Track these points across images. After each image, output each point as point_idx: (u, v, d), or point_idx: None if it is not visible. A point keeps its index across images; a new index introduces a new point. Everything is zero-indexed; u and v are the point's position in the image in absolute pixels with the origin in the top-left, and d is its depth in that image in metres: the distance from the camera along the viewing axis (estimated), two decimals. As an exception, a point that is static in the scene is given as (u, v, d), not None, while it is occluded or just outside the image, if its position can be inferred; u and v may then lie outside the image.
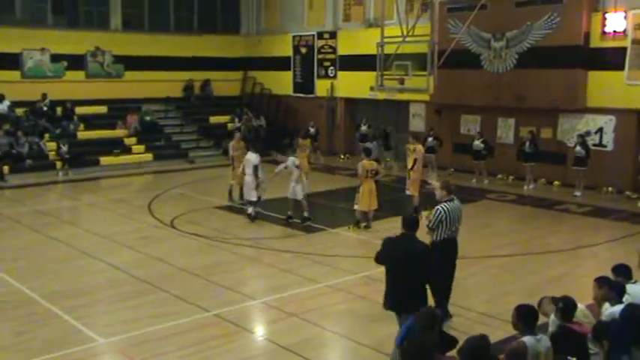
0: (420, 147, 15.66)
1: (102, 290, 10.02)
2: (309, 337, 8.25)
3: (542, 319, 5.84)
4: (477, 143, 19.16)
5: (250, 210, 14.31)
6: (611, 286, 6.32)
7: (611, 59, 17.25)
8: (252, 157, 14.22)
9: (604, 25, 17.32)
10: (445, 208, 8.24)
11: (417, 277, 6.87)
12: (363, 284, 10.25)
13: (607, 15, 17.26)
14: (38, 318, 8.79)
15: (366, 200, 13.45)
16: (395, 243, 7.10)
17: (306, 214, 13.92)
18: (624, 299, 6.17)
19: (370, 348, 7.86)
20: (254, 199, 14.25)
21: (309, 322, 8.67)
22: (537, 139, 18.50)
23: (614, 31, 17.15)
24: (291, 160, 14.02)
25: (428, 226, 8.31)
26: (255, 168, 14.06)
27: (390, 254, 7.08)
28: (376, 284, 10.15)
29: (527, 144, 18.19)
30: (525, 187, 18.26)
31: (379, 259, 7.24)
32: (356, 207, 13.65)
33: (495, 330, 7.67)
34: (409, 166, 15.33)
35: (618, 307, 5.99)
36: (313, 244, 12.68)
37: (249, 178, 14.21)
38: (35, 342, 7.99)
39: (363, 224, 13.66)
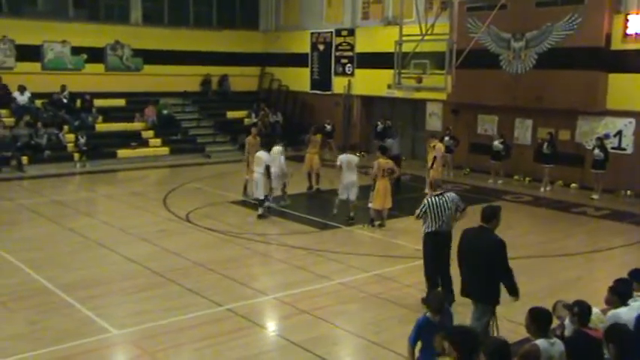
0: (440, 145, 15.63)
1: (116, 282, 10.09)
2: (321, 335, 8.25)
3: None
4: (497, 144, 19.04)
5: (260, 210, 14.28)
6: (612, 289, 6.29)
7: (633, 62, 17.05)
8: (265, 156, 14.21)
9: (626, 27, 17.11)
10: (429, 200, 9.00)
11: (491, 268, 7.04)
12: (375, 282, 10.24)
13: (629, 16, 17.05)
14: (53, 307, 8.88)
15: (380, 199, 13.40)
16: (472, 235, 7.27)
17: (352, 214, 13.96)
18: (639, 305, 6.10)
19: (381, 346, 7.85)
20: (262, 197, 14.23)
21: (321, 319, 8.68)
22: (556, 140, 18.34)
23: (637, 33, 16.94)
24: (345, 157, 14.02)
25: (416, 215, 9.16)
26: (267, 167, 14.06)
27: (467, 246, 7.26)
28: (388, 282, 10.17)
29: (546, 145, 18.05)
30: (542, 189, 18.12)
31: (458, 254, 7.40)
32: (370, 205, 13.62)
33: (509, 333, 7.60)
34: (429, 164, 15.28)
35: (623, 310, 5.94)
36: (326, 241, 12.68)
37: (258, 176, 14.15)
38: (49, 331, 8.07)
39: (377, 222, 13.63)
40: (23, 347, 7.59)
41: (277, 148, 15.25)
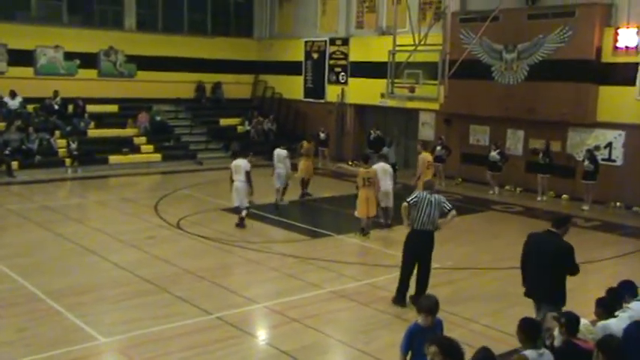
0: (424, 154, 15.68)
1: (105, 289, 10.04)
2: (311, 343, 8.23)
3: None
4: (494, 154, 19.08)
5: (243, 214, 14.13)
6: (598, 302, 6.34)
7: (623, 75, 17.19)
8: (243, 163, 14.01)
9: (616, 41, 17.25)
10: (421, 195, 9.41)
11: (558, 271, 7.33)
12: (366, 291, 10.23)
13: (619, 30, 17.20)
14: (41, 315, 8.82)
15: (363, 207, 13.49)
16: (541, 239, 7.51)
17: (389, 221, 14.31)
18: (629, 315, 6.13)
19: (371, 356, 7.83)
20: (246, 205, 14.12)
21: (311, 328, 8.66)
22: (551, 151, 18.41)
23: (627, 47, 17.08)
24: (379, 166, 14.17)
25: (407, 200, 9.48)
26: (247, 174, 13.94)
27: (535, 248, 7.49)
28: (379, 291, 10.17)
29: (541, 155, 18.12)
30: (539, 199, 18.12)
31: (524, 256, 7.66)
32: (356, 214, 13.71)
33: (498, 343, 7.62)
34: (417, 173, 15.37)
35: (612, 321, 5.98)
36: (318, 249, 12.67)
37: (241, 184, 13.99)
38: (37, 339, 8.01)
39: (365, 231, 13.66)
40: (11, 354, 7.53)
41: (284, 152, 16.15)
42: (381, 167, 14.14)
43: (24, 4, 23.00)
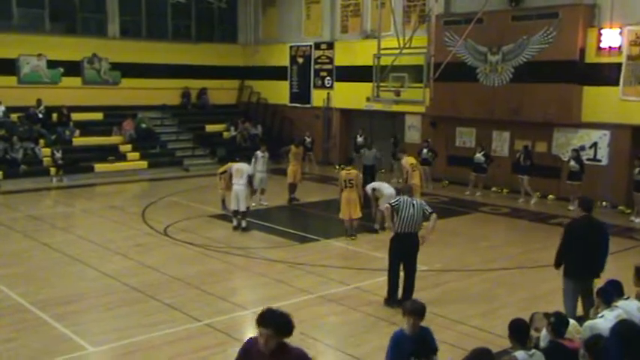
0: (406, 158, 15.62)
1: (93, 298, 9.96)
2: (301, 349, 8.19)
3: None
4: (479, 156, 19.13)
5: (244, 223, 14.26)
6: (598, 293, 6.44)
7: (607, 75, 17.34)
8: (245, 167, 14.22)
9: (599, 41, 17.40)
10: (403, 198, 9.56)
11: (600, 247, 8.39)
12: (355, 295, 10.22)
13: (603, 31, 17.35)
14: (28, 325, 8.72)
15: (344, 209, 13.53)
16: (585, 223, 8.51)
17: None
18: (615, 315, 6.16)
19: (361, 360, 7.83)
20: (244, 209, 14.20)
21: (301, 333, 8.59)
22: (532, 152, 18.50)
23: (610, 47, 17.23)
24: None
25: (389, 203, 9.81)
26: (249, 177, 14.10)
27: (585, 231, 8.41)
28: (368, 295, 10.16)
29: (522, 157, 18.19)
30: (532, 202, 18.08)
31: (572, 240, 8.45)
32: (340, 216, 13.76)
33: (487, 344, 7.56)
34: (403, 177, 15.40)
35: (599, 320, 6.00)
36: (306, 254, 12.64)
37: (240, 188, 14.11)
38: (24, 349, 7.93)
39: (349, 234, 13.66)
40: (-3, 366, 7.46)
41: (265, 155, 16.48)
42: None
43: (6, 12, 22.82)
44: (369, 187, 14.19)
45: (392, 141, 21.53)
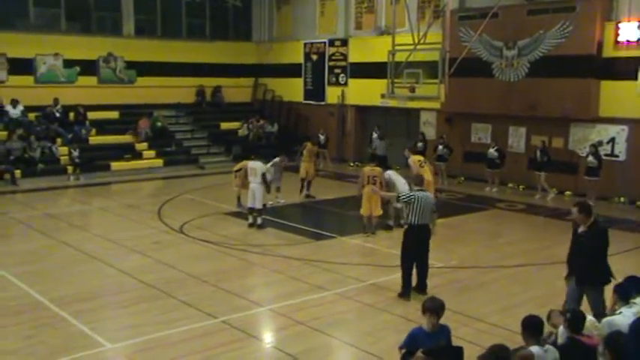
0: (411, 158, 15.22)
1: (110, 295, 10.04)
2: (316, 346, 8.21)
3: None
4: (492, 152, 19.05)
5: (259, 220, 14.31)
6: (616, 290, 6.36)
7: (624, 69, 17.14)
8: (258, 165, 14.26)
9: (617, 35, 17.21)
10: (417, 195, 9.74)
11: (604, 252, 8.03)
12: (371, 292, 10.20)
13: (620, 24, 17.16)
14: (47, 322, 8.80)
15: (366, 205, 13.52)
16: (591, 230, 8.00)
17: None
18: (634, 311, 6.10)
19: (377, 357, 7.81)
20: (260, 206, 14.24)
21: (317, 330, 8.63)
22: (548, 148, 18.34)
23: (628, 41, 17.04)
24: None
25: (398, 198, 10.20)
26: (264, 175, 14.13)
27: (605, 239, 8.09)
28: (384, 292, 10.14)
29: (539, 154, 18.06)
30: (549, 198, 17.93)
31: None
32: (361, 212, 13.75)
33: (504, 341, 7.52)
34: None
35: (618, 317, 5.94)
36: (322, 251, 12.64)
37: (256, 186, 14.18)
38: (43, 346, 8.00)
39: (369, 231, 13.63)
40: (17, 362, 7.53)
41: (282, 164, 16.43)
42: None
43: (22, 12, 23.03)
44: (386, 174, 14.11)
45: (420, 138, 21.16)
